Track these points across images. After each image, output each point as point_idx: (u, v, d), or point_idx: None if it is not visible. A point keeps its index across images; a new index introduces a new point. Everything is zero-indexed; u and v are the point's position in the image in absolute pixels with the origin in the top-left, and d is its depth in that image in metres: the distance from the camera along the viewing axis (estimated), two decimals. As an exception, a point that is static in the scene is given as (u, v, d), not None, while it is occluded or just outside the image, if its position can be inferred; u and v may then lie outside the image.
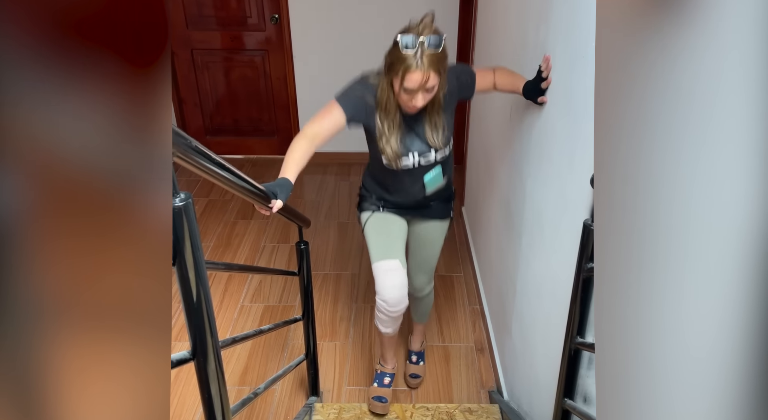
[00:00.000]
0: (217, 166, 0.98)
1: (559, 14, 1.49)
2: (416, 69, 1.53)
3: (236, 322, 2.74)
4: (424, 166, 1.83)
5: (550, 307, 1.62)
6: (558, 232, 1.54)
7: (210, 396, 0.94)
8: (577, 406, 1.41)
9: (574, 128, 1.38)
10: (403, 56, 1.54)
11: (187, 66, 4.03)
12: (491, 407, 2.18)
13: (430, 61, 1.53)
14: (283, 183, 1.51)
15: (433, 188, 1.90)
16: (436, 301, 2.85)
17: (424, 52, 1.52)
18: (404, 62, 1.54)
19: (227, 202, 3.75)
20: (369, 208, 2.01)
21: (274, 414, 2.26)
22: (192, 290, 0.84)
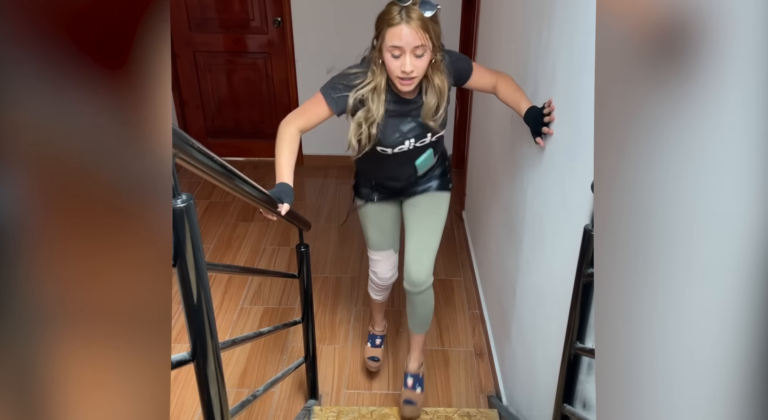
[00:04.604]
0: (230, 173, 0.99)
1: (561, 19, 1.50)
2: (400, 22, 1.49)
3: (236, 324, 2.74)
4: (418, 147, 1.81)
5: (550, 312, 1.62)
6: (558, 237, 1.54)
7: (209, 398, 0.94)
8: (576, 412, 1.41)
9: (575, 134, 1.39)
10: (388, 11, 1.51)
11: (190, 68, 4.03)
12: (490, 412, 2.17)
13: (417, 17, 1.48)
14: (286, 189, 1.54)
15: (424, 168, 1.92)
16: (436, 305, 2.84)
17: (410, 8, 1.48)
18: (388, 16, 1.50)
19: (228, 204, 3.75)
20: (363, 195, 2.05)
21: (273, 416, 2.26)
22: (192, 291, 0.85)
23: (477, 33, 3.01)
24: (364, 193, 2.05)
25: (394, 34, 1.50)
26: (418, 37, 1.50)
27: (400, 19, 1.49)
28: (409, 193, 2.01)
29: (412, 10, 1.49)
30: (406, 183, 1.97)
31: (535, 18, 1.75)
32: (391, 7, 1.52)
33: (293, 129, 1.67)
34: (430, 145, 1.83)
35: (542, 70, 1.65)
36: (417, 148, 1.80)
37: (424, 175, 1.96)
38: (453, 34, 3.65)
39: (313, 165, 4.16)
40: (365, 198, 2.04)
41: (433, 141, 1.82)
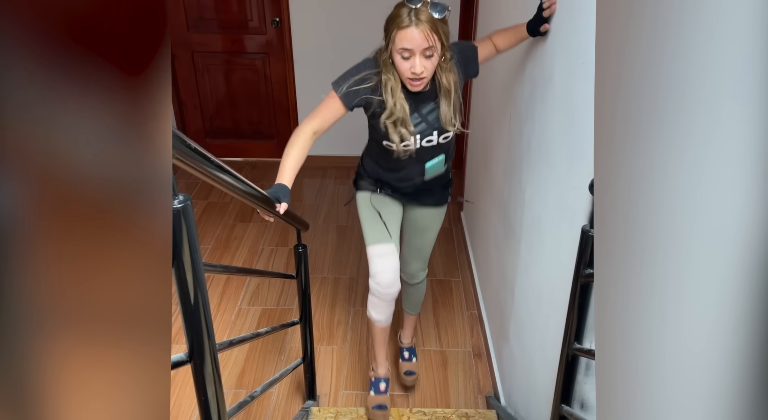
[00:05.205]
0: (227, 174, 0.98)
1: (558, 20, 1.50)
2: (410, 24, 1.51)
3: (234, 324, 2.74)
4: (426, 148, 1.78)
5: (548, 313, 1.62)
6: (556, 237, 1.54)
7: (206, 399, 0.94)
8: (574, 413, 1.41)
9: (572, 134, 1.39)
10: (398, 14, 1.52)
11: (188, 68, 4.03)
12: (488, 413, 2.17)
13: (426, 19, 1.50)
14: (283, 189, 1.55)
15: (432, 175, 1.89)
16: (434, 306, 2.85)
17: (420, 10, 1.50)
18: (398, 18, 1.52)
19: (226, 204, 3.75)
20: (365, 189, 1.98)
21: (271, 417, 2.26)
22: (189, 292, 0.84)
23: (475, 34, 3.02)
24: (367, 185, 1.99)
25: (403, 37, 1.52)
26: (428, 38, 1.52)
27: (409, 22, 1.50)
28: (413, 202, 2.01)
29: (421, 11, 1.50)
30: (412, 188, 1.94)
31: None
32: (400, 9, 1.53)
33: (308, 130, 1.66)
34: (440, 148, 1.82)
35: (539, 70, 1.65)
36: (424, 147, 1.78)
37: (429, 184, 1.94)
38: (451, 35, 3.64)
39: (312, 165, 4.15)
40: (367, 190, 1.98)
41: (441, 143, 1.80)
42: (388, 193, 1.97)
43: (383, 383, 2.20)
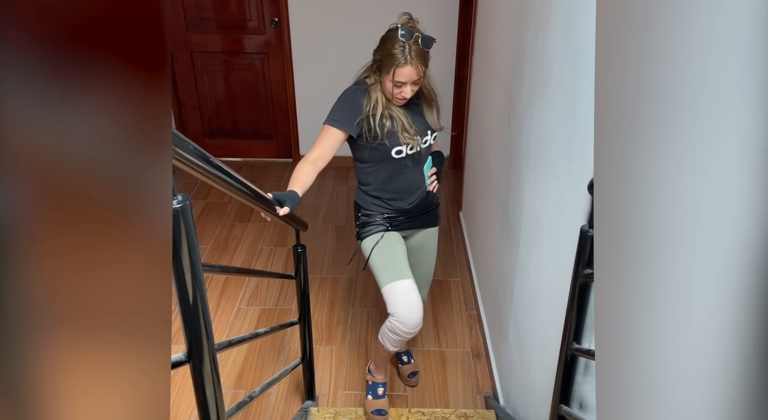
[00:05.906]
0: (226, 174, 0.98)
1: (557, 20, 1.50)
2: (406, 63, 1.66)
3: (232, 325, 2.73)
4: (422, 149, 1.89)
5: (547, 313, 1.62)
6: (555, 237, 1.54)
7: (205, 399, 0.93)
8: (573, 413, 1.41)
9: (571, 135, 1.39)
10: (393, 52, 1.66)
11: (187, 68, 4.03)
12: (487, 413, 2.17)
13: (417, 54, 1.67)
14: (292, 195, 1.63)
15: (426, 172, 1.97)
16: (433, 306, 2.85)
17: (412, 47, 1.66)
18: (395, 58, 1.66)
19: (225, 204, 3.74)
20: (376, 231, 1.94)
21: (270, 418, 2.25)
22: (188, 292, 0.84)
23: (474, 34, 3.02)
24: (377, 227, 1.96)
25: (400, 73, 1.68)
26: (419, 71, 1.70)
27: (405, 61, 1.66)
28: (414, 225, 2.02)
29: (413, 48, 1.66)
30: (419, 199, 1.96)
31: (531, 19, 1.75)
32: (395, 44, 1.66)
33: (306, 165, 1.75)
34: (428, 149, 1.94)
35: (538, 70, 1.66)
36: (422, 148, 1.89)
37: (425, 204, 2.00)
38: (450, 36, 3.65)
39: (310, 166, 4.15)
40: (378, 231, 1.96)
41: (430, 144, 1.93)
42: (395, 227, 1.97)
43: (381, 388, 2.21)
